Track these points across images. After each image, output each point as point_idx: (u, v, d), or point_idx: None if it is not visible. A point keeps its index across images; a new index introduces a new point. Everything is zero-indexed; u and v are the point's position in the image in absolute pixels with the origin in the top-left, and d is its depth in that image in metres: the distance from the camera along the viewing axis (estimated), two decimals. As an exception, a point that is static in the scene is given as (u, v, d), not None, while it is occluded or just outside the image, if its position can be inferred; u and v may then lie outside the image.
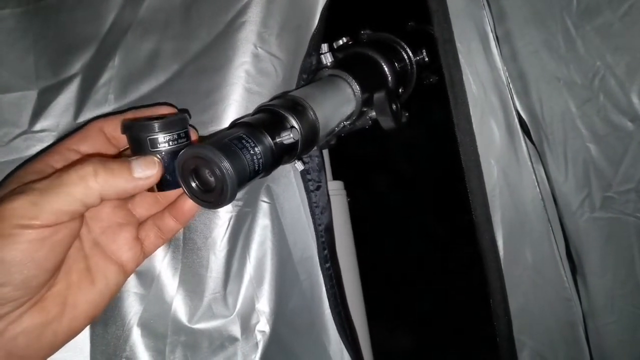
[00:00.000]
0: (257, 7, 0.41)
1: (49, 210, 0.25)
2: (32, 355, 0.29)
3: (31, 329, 0.28)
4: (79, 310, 0.30)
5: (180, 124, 0.31)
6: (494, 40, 0.44)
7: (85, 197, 0.26)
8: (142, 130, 0.29)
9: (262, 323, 0.41)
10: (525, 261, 0.48)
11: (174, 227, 0.34)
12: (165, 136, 0.29)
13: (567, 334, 0.49)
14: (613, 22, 0.38)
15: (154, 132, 0.29)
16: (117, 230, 0.33)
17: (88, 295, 0.31)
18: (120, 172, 0.27)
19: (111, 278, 0.32)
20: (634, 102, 0.39)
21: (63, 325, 0.30)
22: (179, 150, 0.29)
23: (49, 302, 0.29)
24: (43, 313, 0.28)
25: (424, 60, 0.55)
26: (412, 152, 1.09)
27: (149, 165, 0.29)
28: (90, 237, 0.32)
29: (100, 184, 0.26)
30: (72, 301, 0.30)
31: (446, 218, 1.02)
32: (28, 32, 0.41)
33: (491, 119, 0.46)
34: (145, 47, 0.42)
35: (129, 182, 0.28)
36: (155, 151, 0.30)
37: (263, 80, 0.41)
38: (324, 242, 0.45)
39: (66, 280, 0.30)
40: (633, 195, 0.42)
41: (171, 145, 0.30)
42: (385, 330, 0.93)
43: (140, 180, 0.28)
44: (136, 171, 0.28)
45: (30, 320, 0.28)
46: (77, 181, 0.26)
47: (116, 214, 0.33)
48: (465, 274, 0.77)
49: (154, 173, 0.29)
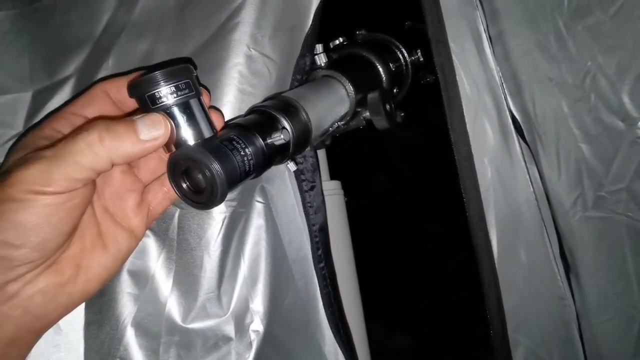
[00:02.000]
0: (250, 8, 0.41)
1: (61, 178, 0.25)
2: (48, 314, 0.30)
3: (47, 290, 0.29)
4: (92, 273, 0.31)
5: (181, 74, 0.28)
6: (487, 41, 0.45)
7: (95, 164, 0.26)
8: (140, 87, 0.28)
9: (256, 323, 0.42)
10: (519, 260, 0.48)
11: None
12: (166, 89, 0.27)
13: (561, 333, 0.50)
14: (604, 22, 0.38)
15: (151, 86, 0.27)
16: (124, 196, 0.33)
17: (101, 259, 0.31)
18: (126, 135, 0.26)
19: (122, 243, 0.32)
20: (625, 101, 0.39)
21: (77, 287, 0.30)
22: (186, 102, 0.28)
23: (63, 265, 0.30)
24: (58, 275, 0.29)
25: (419, 60, 0.55)
26: (409, 152, 1.09)
27: (155, 124, 0.27)
28: (100, 204, 0.32)
29: (107, 149, 0.26)
30: (85, 264, 0.31)
31: (443, 218, 1.02)
32: (23, 34, 0.41)
33: (485, 118, 0.46)
34: (139, 48, 0.42)
35: (136, 145, 0.26)
36: (158, 107, 0.28)
37: (256, 81, 0.41)
38: (317, 242, 0.45)
39: (80, 244, 0.31)
40: (624, 195, 0.42)
41: (173, 98, 0.27)
42: (382, 330, 0.93)
43: (147, 142, 0.27)
44: (142, 133, 0.26)
45: (46, 281, 0.29)
46: (84, 149, 0.25)
47: (123, 180, 0.33)
48: (462, 273, 0.77)
49: (162, 132, 0.27)
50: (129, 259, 0.39)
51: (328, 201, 0.50)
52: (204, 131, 0.29)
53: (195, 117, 0.29)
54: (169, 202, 0.35)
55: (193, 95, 0.28)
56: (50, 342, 0.37)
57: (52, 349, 0.37)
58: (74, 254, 0.30)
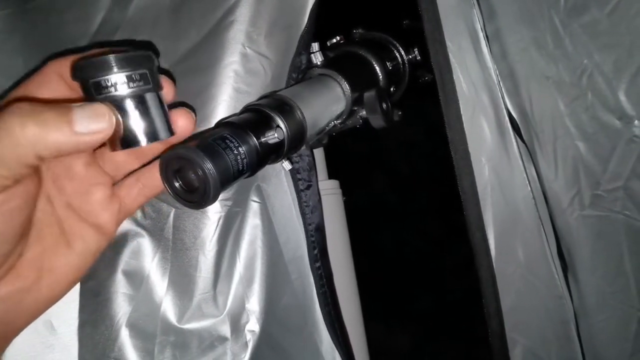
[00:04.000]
0: (245, 7, 0.41)
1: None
2: (15, 320, 0.28)
3: (9, 296, 0.27)
4: (58, 275, 0.29)
5: (137, 62, 0.24)
6: (484, 39, 0.44)
7: (18, 157, 0.21)
8: (86, 70, 0.23)
9: (252, 322, 0.41)
10: (517, 259, 0.48)
11: (158, 183, 0.30)
12: (117, 77, 0.23)
13: (559, 332, 0.49)
14: (600, 19, 0.38)
15: (100, 71, 0.23)
16: (89, 190, 0.30)
17: (66, 259, 0.29)
18: (56, 124, 0.21)
19: (90, 240, 0.30)
20: (622, 100, 0.39)
21: (42, 291, 0.28)
22: (140, 95, 0.24)
23: (24, 269, 0.27)
24: (19, 280, 0.27)
25: (416, 58, 0.55)
26: (406, 151, 1.09)
27: (97, 116, 0.22)
28: (62, 199, 0.29)
29: (29, 139, 0.21)
30: (48, 266, 0.28)
31: (440, 217, 1.02)
32: (16, 34, 0.41)
33: (482, 117, 0.46)
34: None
35: (68, 137, 0.22)
36: (103, 97, 0.23)
37: (252, 80, 0.41)
38: (314, 242, 0.45)
39: (40, 245, 0.28)
40: (621, 193, 0.42)
41: (127, 89, 0.23)
42: (380, 329, 0.93)
43: (84, 135, 0.22)
44: (78, 124, 0.22)
45: (6, 288, 0.27)
46: (2, 137, 0.21)
47: (88, 172, 0.30)
48: (459, 272, 0.77)
49: (103, 127, 0.23)
50: (124, 259, 0.39)
51: (326, 200, 0.50)
52: (159, 131, 0.26)
53: (149, 114, 0.25)
54: (144, 199, 0.32)
55: (149, 89, 0.24)
56: (44, 342, 0.37)
57: (46, 349, 0.36)
58: (34, 257, 0.28)
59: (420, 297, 1.07)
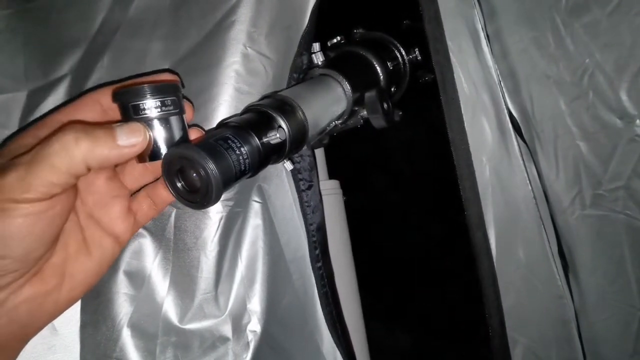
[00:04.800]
0: (246, 7, 0.41)
1: (38, 184, 0.25)
2: (34, 322, 0.30)
3: (32, 298, 0.29)
4: (77, 280, 0.31)
5: (168, 91, 0.29)
6: (485, 39, 0.44)
7: (70, 167, 0.25)
8: (126, 96, 0.28)
9: (253, 323, 0.41)
10: (518, 259, 0.48)
11: (167, 198, 0.34)
12: (151, 102, 0.28)
13: (560, 331, 0.50)
14: (601, 19, 0.38)
15: (138, 97, 0.28)
16: (110, 203, 0.33)
17: (85, 265, 0.31)
18: (103, 139, 0.26)
19: (107, 249, 0.32)
20: (623, 99, 0.39)
21: (62, 294, 0.30)
22: (167, 119, 0.29)
23: (48, 273, 0.29)
24: (43, 283, 0.29)
25: (417, 59, 0.55)
26: (407, 151, 1.09)
27: (134, 132, 0.27)
28: (84, 210, 0.32)
29: (83, 151, 0.25)
30: (70, 271, 0.31)
31: (441, 217, 1.02)
32: (17, 34, 0.41)
33: (483, 117, 0.46)
34: (134, 47, 0.42)
35: (112, 150, 0.26)
36: (140, 117, 0.28)
37: (253, 80, 0.41)
38: (315, 242, 0.45)
39: (64, 251, 0.30)
40: (622, 193, 0.42)
41: (156, 112, 0.28)
42: (381, 329, 0.93)
43: (124, 147, 0.27)
44: (120, 138, 0.27)
45: (31, 290, 0.29)
46: (59, 150, 0.25)
47: (109, 186, 0.33)
48: (460, 272, 0.77)
49: (139, 140, 0.27)
50: (125, 259, 0.39)
51: (327, 200, 0.50)
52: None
53: (173, 133, 0.30)
54: (154, 213, 0.35)
55: (176, 113, 0.30)
56: (46, 343, 0.36)
57: (47, 350, 0.36)
58: (58, 262, 0.30)
59: (421, 297, 1.07)
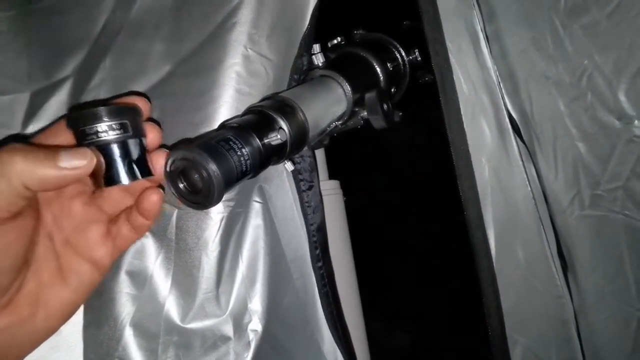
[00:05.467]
0: (247, 8, 0.41)
1: None
2: (9, 353, 0.29)
3: (4, 329, 0.28)
4: (52, 309, 0.30)
5: (120, 114, 0.28)
6: (484, 40, 0.45)
7: (8, 188, 0.24)
8: (77, 120, 0.28)
9: (254, 322, 0.42)
10: (517, 259, 0.48)
11: (144, 223, 0.33)
12: (95, 126, 0.27)
13: (559, 331, 0.50)
14: (600, 20, 0.38)
15: (88, 121, 0.28)
16: (88, 228, 0.32)
17: (60, 293, 0.31)
18: (43, 160, 0.25)
19: (84, 275, 0.32)
20: (621, 100, 0.39)
21: (37, 324, 0.29)
22: (121, 142, 0.28)
23: (20, 303, 0.29)
24: (15, 313, 0.28)
25: (417, 59, 0.55)
26: (407, 151, 1.10)
27: (78, 155, 0.26)
28: (61, 236, 0.31)
29: (19, 171, 0.24)
30: (44, 300, 0.30)
31: (441, 217, 1.02)
32: (20, 35, 0.41)
33: (482, 118, 0.46)
34: (136, 48, 0.42)
35: (52, 170, 0.25)
36: (88, 142, 0.28)
37: (254, 81, 0.41)
38: (315, 242, 0.45)
39: (36, 280, 0.30)
40: (621, 193, 0.42)
41: (104, 136, 0.28)
42: (381, 329, 0.93)
43: (65, 169, 0.26)
44: (62, 160, 0.26)
45: (2, 321, 0.28)
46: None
47: (86, 211, 0.32)
48: (460, 272, 0.77)
49: (83, 163, 0.26)
50: (127, 259, 0.39)
51: (327, 201, 0.51)
52: (138, 171, 0.29)
53: (129, 157, 0.29)
54: (135, 237, 0.34)
55: (129, 136, 0.29)
56: (48, 342, 0.36)
57: (51, 349, 0.37)
58: (31, 291, 0.29)
59: (421, 297, 1.07)
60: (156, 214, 0.33)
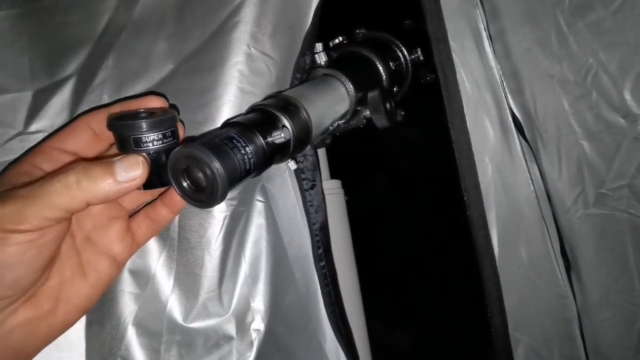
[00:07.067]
0: (250, 7, 0.41)
1: (34, 217, 0.25)
2: (28, 346, 0.30)
3: (26, 323, 0.29)
4: (72, 304, 0.31)
5: (167, 123, 0.30)
6: (488, 39, 0.45)
7: (69, 206, 0.26)
8: (126, 129, 0.29)
9: (257, 321, 0.42)
10: (520, 258, 0.48)
11: (166, 217, 0.35)
12: (151, 135, 0.29)
13: (562, 331, 0.50)
14: (605, 18, 0.38)
15: (139, 131, 0.28)
16: (108, 225, 0.33)
17: (80, 289, 0.32)
18: (103, 177, 0.27)
19: (103, 271, 0.33)
20: (627, 98, 0.39)
21: (57, 319, 0.30)
22: (166, 150, 0.29)
23: (42, 297, 0.30)
24: (37, 307, 0.29)
25: (419, 58, 0.55)
26: (409, 150, 1.09)
27: (133, 166, 0.27)
28: (82, 233, 0.33)
29: (83, 192, 0.26)
30: (65, 296, 0.31)
31: (443, 216, 1.02)
32: (23, 34, 0.41)
33: (485, 117, 0.46)
34: (139, 47, 0.42)
35: (112, 187, 0.27)
36: (140, 150, 0.29)
37: (256, 80, 0.41)
38: (318, 241, 0.45)
39: (59, 276, 0.31)
40: (626, 192, 0.42)
41: (157, 144, 0.29)
42: (383, 328, 0.93)
43: (124, 183, 0.27)
44: (119, 175, 0.27)
45: (25, 314, 0.29)
46: (60, 190, 0.26)
47: (107, 209, 0.33)
48: (462, 271, 0.77)
49: (138, 174, 0.28)
50: (130, 258, 0.39)
51: (328, 200, 0.50)
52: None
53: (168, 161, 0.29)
54: (153, 233, 0.35)
55: (174, 144, 0.30)
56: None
57: (54, 348, 0.36)
58: (53, 286, 0.30)
59: (423, 296, 1.07)
60: (182, 206, 0.34)
